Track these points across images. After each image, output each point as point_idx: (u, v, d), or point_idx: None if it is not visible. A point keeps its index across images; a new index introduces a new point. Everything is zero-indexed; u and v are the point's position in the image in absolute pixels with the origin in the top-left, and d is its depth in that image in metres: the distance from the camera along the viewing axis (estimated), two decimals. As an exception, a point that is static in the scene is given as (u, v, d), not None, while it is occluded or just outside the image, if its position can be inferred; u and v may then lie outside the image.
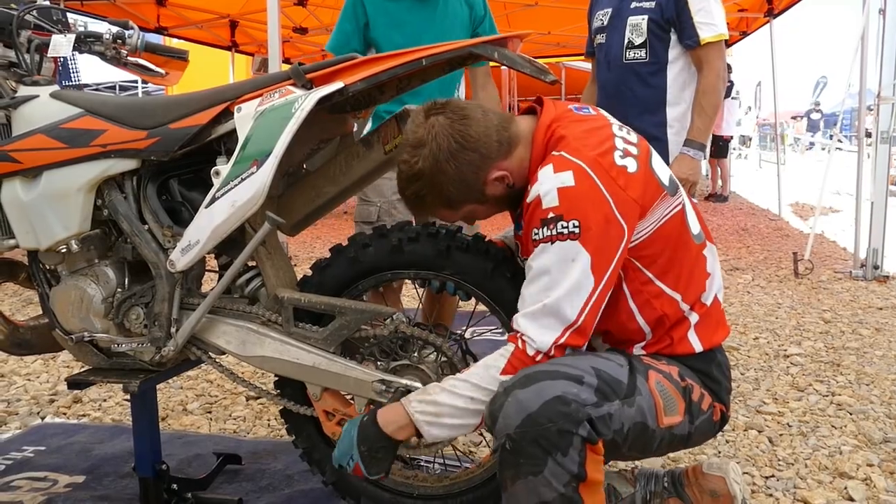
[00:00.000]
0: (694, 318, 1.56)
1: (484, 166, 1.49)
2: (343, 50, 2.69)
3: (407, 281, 1.90)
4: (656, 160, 1.57)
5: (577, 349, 1.44)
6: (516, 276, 1.66)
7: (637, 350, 1.59)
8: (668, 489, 1.74)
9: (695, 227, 1.60)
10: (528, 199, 1.44)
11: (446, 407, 1.44)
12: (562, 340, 1.41)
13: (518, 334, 1.44)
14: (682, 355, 1.57)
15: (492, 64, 2.71)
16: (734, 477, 1.70)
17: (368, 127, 2.17)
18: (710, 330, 1.59)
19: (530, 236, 1.44)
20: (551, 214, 1.39)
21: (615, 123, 1.58)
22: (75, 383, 1.89)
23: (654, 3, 2.60)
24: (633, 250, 1.49)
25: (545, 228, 1.40)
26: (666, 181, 1.55)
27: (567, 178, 1.39)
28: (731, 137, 10.72)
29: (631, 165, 1.46)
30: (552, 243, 1.39)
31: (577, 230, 1.37)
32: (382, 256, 1.72)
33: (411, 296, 4.34)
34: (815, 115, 20.94)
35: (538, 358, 1.42)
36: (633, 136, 1.56)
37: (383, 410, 1.53)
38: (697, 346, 1.57)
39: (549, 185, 1.40)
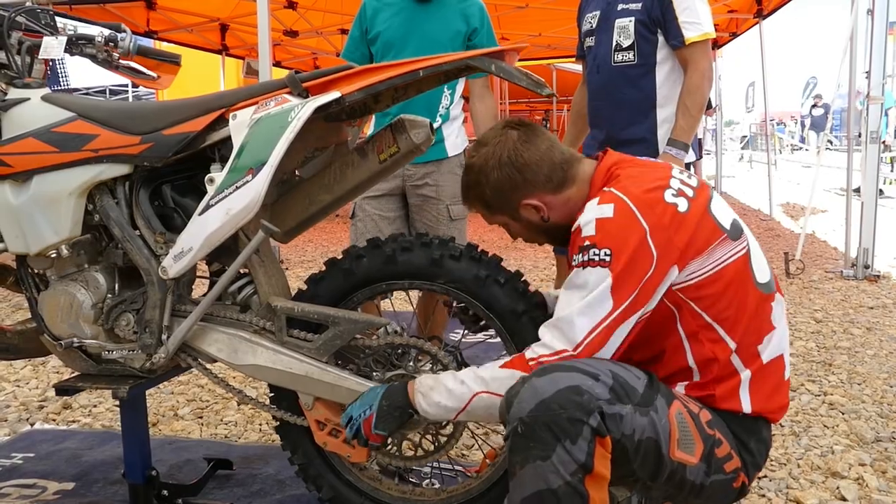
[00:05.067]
0: (746, 373, 1.51)
1: (523, 189, 1.59)
2: (352, 56, 2.75)
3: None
4: (717, 204, 1.58)
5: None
6: (509, 282, 1.67)
7: (679, 388, 1.54)
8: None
9: (762, 275, 1.57)
10: (573, 228, 1.51)
11: (440, 385, 1.51)
12: (552, 360, 1.42)
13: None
14: (726, 411, 1.52)
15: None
16: None
17: (371, 130, 2.18)
18: (766, 393, 1.53)
19: (570, 264, 1.50)
20: (587, 243, 1.45)
21: (678, 168, 1.62)
22: (64, 389, 1.87)
23: (640, 5, 2.60)
24: (690, 290, 1.48)
25: (580, 255, 1.45)
26: (727, 225, 1.54)
27: (607, 210, 1.45)
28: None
29: (682, 205, 1.49)
30: (584, 268, 1.44)
31: (607, 258, 1.42)
32: (376, 267, 1.72)
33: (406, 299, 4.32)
34: (817, 112, 19.00)
35: (530, 364, 1.43)
36: (694, 181, 1.58)
37: (413, 381, 1.58)
38: (746, 406, 1.51)
39: (590, 215, 1.47)
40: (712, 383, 1.52)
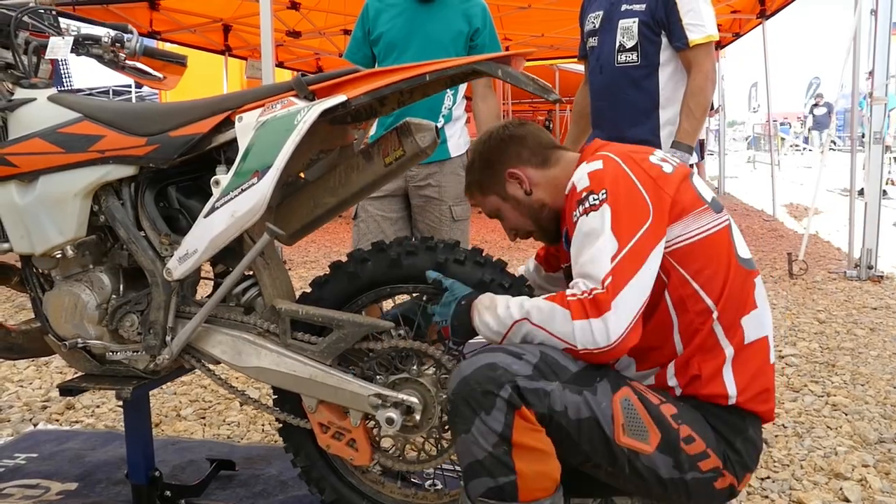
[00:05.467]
0: (729, 350, 1.52)
1: (508, 160, 1.72)
2: (355, 57, 2.75)
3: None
4: (698, 181, 1.63)
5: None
6: (513, 287, 1.67)
7: (671, 378, 1.55)
8: None
9: (744, 252, 1.60)
10: (567, 190, 1.59)
11: (493, 307, 1.54)
12: (582, 297, 1.41)
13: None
14: (711, 402, 1.52)
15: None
16: None
17: (373, 132, 2.18)
18: (750, 373, 1.53)
19: (573, 224, 1.54)
20: (584, 193, 1.51)
21: (659, 150, 1.71)
22: (67, 390, 1.88)
23: (643, 6, 2.59)
24: (678, 254, 1.52)
25: (580, 207, 1.51)
26: (708, 198, 1.60)
27: (596, 164, 1.55)
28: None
29: (666, 167, 1.58)
30: (587, 216, 1.49)
31: (605, 196, 1.48)
32: (381, 271, 1.72)
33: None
34: (818, 111, 18.67)
35: (569, 300, 1.42)
36: (675, 160, 1.65)
37: (479, 298, 1.60)
38: (731, 387, 1.51)
39: (581, 173, 1.56)
40: (697, 358, 1.53)
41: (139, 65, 2.04)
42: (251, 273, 1.80)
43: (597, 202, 1.48)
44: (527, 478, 1.41)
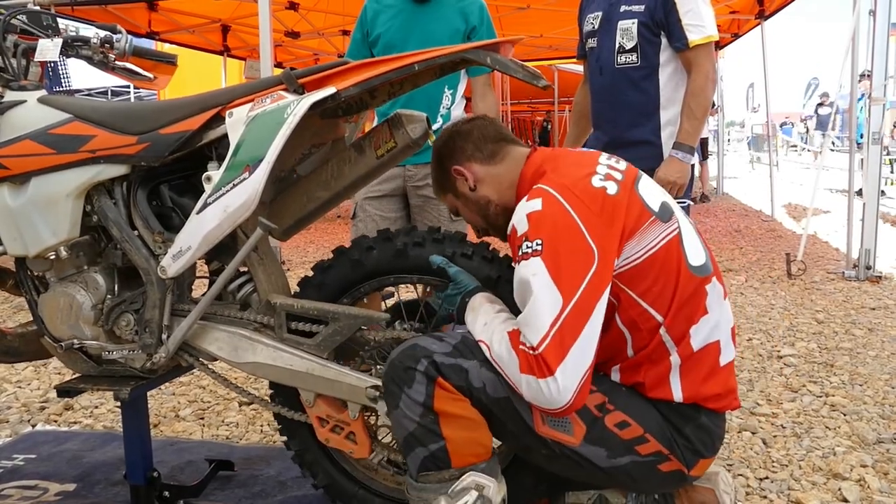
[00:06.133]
0: (675, 358, 1.52)
1: (453, 156, 1.72)
2: (355, 59, 2.72)
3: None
4: (645, 185, 1.60)
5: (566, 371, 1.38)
6: None
7: (614, 373, 1.57)
8: (659, 501, 1.73)
9: (696, 258, 1.57)
10: (509, 231, 1.54)
11: (478, 312, 1.58)
12: (529, 355, 1.39)
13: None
14: (657, 399, 1.54)
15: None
16: (724, 488, 1.68)
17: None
18: (698, 380, 1.54)
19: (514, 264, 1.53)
20: (522, 239, 1.47)
21: (605, 154, 1.66)
22: (65, 391, 1.87)
23: (643, 7, 2.59)
24: (625, 277, 1.50)
25: (518, 251, 1.48)
26: (655, 207, 1.56)
27: (536, 204, 1.48)
28: (707, 138, 10.84)
29: (611, 188, 1.52)
30: (519, 263, 1.47)
31: (539, 248, 1.43)
32: (386, 260, 1.72)
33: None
34: (823, 111, 18.38)
35: (520, 349, 1.42)
36: (622, 165, 1.63)
37: (475, 296, 1.64)
38: (677, 394, 1.53)
39: (520, 213, 1.50)
40: (644, 365, 1.54)
41: (129, 65, 2.04)
42: (246, 270, 1.79)
43: (529, 251, 1.44)
44: (456, 443, 1.48)
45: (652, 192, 1.60)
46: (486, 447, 1.51)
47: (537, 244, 1.43)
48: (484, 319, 1.55)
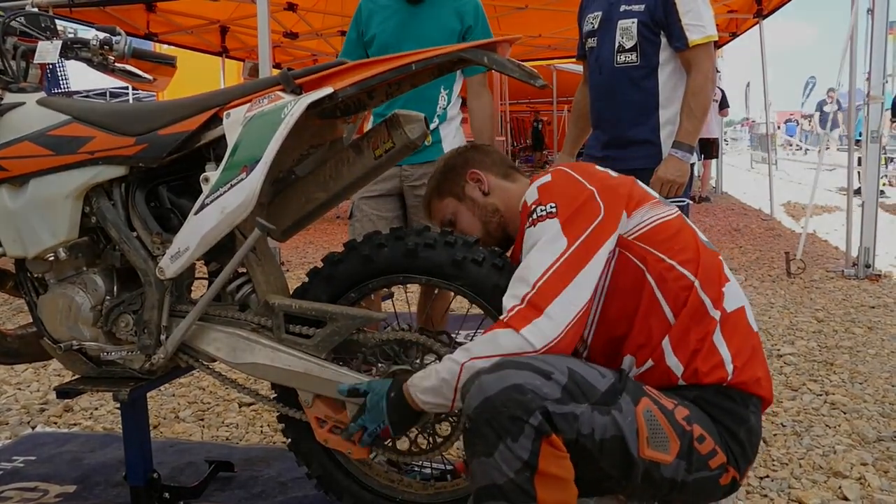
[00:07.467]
0: (716, 314, 1.53)
1: (471, 164, 1.80)
2: (350, 58, 2.72)
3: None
4: (642, 185, 1.69)
5: (535, 320, 1.41)
6: None
7: (667, 352, 1.53)
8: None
9: (702, 236, 1.64)
10: (520, 207, 1.61)
11: (431, 371, 1.50)
12: (516, 309, 1.42)
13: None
14: (713, 372, 1.51)
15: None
16: None
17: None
18: (738, 340, 1.54)
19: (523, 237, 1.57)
20: (533, 206, 1.54)
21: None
22: (65, 392, 1.87)
23: (643, 6, 2.60)
24: (646, 237, 1.55)
25: (529, 219, 1.54)
26: (656, 197, 1.66)
27: (545, 178, 1.59)
28: (717, 139, 10.72)
29: (613, 173, 1.65)
30: (534, 226, 1.52)
31: (553, 209, 1.51)
32: (397, 259, 1.70)
33: (401, 300, 4.32)
34: (828, 108, 18.53)
35: (505, 320, 1.43)
36: (616, 174, 1.70)
37: (406, 385, 1.54)
38: (726, 353, 1.51)
39: (532, 188, 1.58)
40: (691, 328, 1.52)
41: (128, 67, 2.04)
42: (245, 270, 1.79)
43: (543, 213, 1.51)
44: None
45: (650, 189, 1.69)
46: None
47: (551, 206, 1.51)
48: (443, 363, 1.47)
